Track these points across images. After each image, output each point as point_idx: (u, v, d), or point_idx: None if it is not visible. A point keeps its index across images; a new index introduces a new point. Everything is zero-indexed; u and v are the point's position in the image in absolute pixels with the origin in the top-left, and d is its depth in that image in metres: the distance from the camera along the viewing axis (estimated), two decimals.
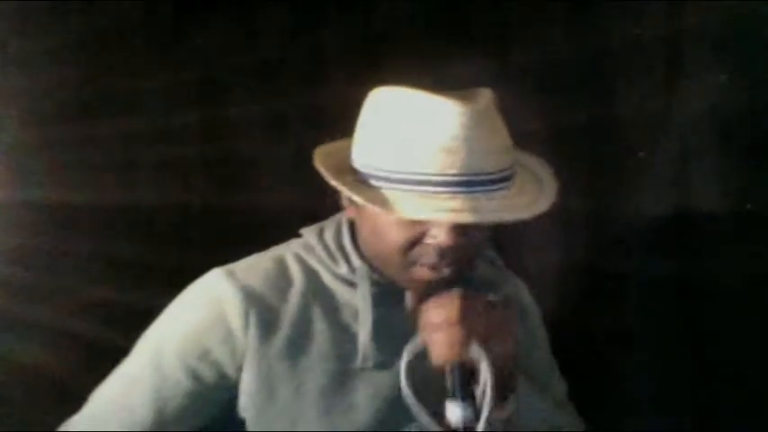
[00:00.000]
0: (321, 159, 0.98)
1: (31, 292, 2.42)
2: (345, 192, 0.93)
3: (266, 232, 1.13)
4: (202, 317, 0.99)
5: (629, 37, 1.36)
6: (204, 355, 0.98)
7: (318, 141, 1.07)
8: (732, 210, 1.26)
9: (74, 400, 1.07)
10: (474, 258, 0.99)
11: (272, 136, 2.09)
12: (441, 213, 0.87)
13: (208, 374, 0.98)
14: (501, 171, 0.92)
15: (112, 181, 2.59)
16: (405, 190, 0.89)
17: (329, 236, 1.06)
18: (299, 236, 1.10)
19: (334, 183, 0.93)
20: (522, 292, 1.19)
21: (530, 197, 0.95)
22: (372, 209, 0.90)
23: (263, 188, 2.11)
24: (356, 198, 0.91)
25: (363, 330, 1.00)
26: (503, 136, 0.94)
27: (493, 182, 0.90)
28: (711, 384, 1.30)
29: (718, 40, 1.25)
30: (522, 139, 0.99)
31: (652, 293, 1.37)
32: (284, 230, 1.14)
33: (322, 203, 1.07)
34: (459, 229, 0.90)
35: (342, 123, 1.06)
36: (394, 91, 0.95)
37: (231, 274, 1.01)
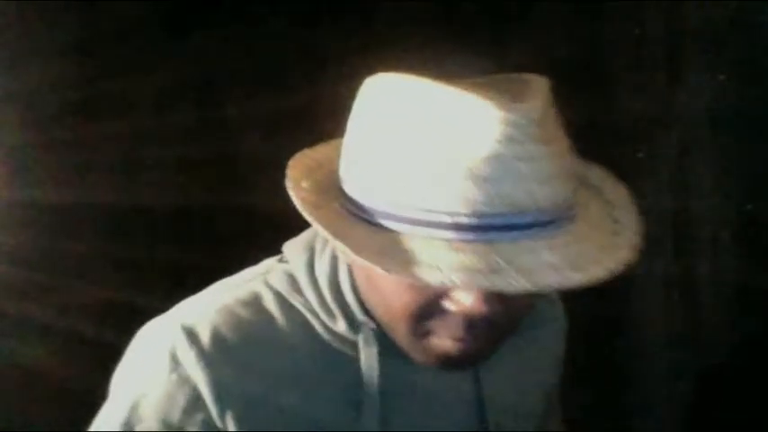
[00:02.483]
0: (297, 179, 0.71)
1: (31, 292, 2.42)
2: (330, 239, 0.63)
3: (265, 232, 1.13)
4: (168, 405, 0.74)
5: (629, 37, 1.36)
6: None
7: (318, 142, 1.07)
8: (732, 210, 1.26)
9: (73, 400, 1.07)
10: (517, 325, 0.71)
11: (272, 136, 2.09)
12: (473, 276, 0.58)
13: None
14: (559, 205, 0.62)
15: (112, 181, 2.58)
16: (421, 237, 0.60)
17: (323, 277, 0.77)
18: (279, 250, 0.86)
19: (316, 224, 0.64)
20: (562, 318, 0.97)
21: (600, 239, 0.65)
22: (370, 266, 0.61)
23: (263, 188, 2.11)
24: (347, 252, 0.61)
25: (368, 411, 0.74)
26: (562, 150, 0.64)
27: (546, 223, 0.61)
28: (711, 384, 1.30)
29: (718, 40, 1.25)
30: None
31: (652, 293, 1.37)
32: (284, 231, 1.14)
33: None
34: (496, 293, 0.61)
35: (342, 123, 1.06)
36: (406, 82, 0.65)
37: (191, 336, 0.74)
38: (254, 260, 1.10)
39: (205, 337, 0.74)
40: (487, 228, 0.59)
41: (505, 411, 0.82)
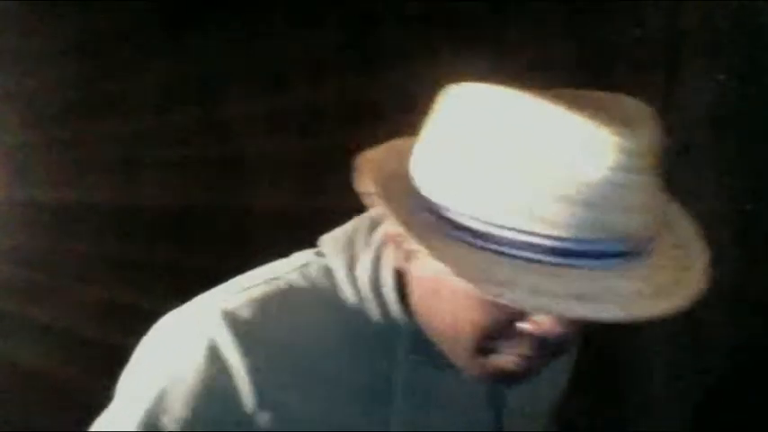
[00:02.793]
0: (381, 187, 0.66)
1: (31, 292, 2.42)
2: (426, 251, 0.61)
3: (265, 232, 1.13)
4: (207, 386, 0.72)
5: (629, 37, 1.36)
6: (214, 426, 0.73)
7: (318, 141, 1.07)
8: (732, 210, 1.26)
9: (73, 400, 1.07)
10: (575, 343, 0.73)
11: (271, 136, 2.09)
12: (575, 304, 0.58)
13: None
14: (646, 236, 0.63)
15: (112, 181, 2.59)
16: (512, 257, 0.60)
17: (364, 276, 0.75)
18: (293, 244, 0.85)
19: (414, 237, 0.62)
20: None
21: (673, 274, 0.66)
22: (465, 284, 0.59)
23: (263, 188, 2.11)
24: (444, 263, 0.60)
25: (397, 410, 0.75)
26: (658, 181, 0.63)
27: (633, 252, 0.62)
28: (710, 383, 1.30)
29: (718, 40, 1.25)
30: None
31: None
32: (283, 231, 1.14)
33: (321, 203, 1.06)
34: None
35: (341, 123, 1.06)
36: (508, 97, 0.62)
37: (234, 325, 0.72)
38: (254, 260, 1.10)
39: (245, 326, 0.72)
40: (586, 254, 0.59)
41: (521, 412, 0.83)
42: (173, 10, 2.33)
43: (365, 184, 0.67)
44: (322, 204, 1.04)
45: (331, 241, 0.79)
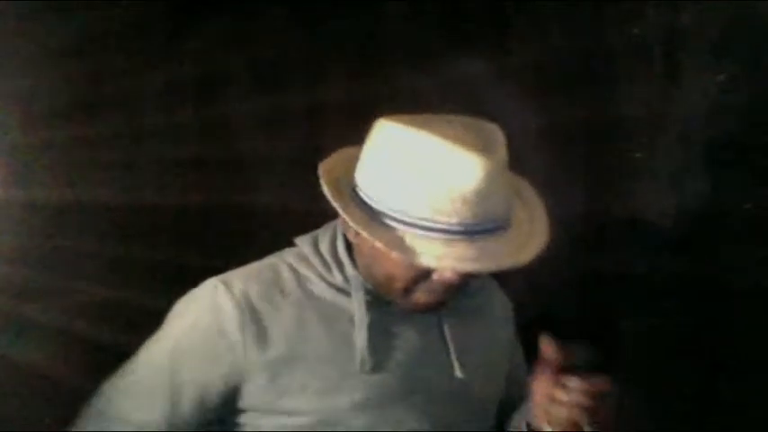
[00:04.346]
0: (331, 185, 0.99)
1: (31, 292, 2.42)
2: (370, 238, 0.94)
3: (265, 232, 1.13)
4: (205, 332, 1.04)
5: (629, 37, 1.36)
6: (211, 368, 1.03)
7: (318, 141, 1.07)
8: (732, 210, 1.26)
9: (73, 399, 1.07)
10: (467, 285, 1.06)
11: (271, 136, 2.09)
12: (464, 263, 0.93)
13: (216, 385, 1.04)
14: (507, 214, 0.98)
15: (112, 181, 2.59)
16: (424, 236, 0.94)
17: (324, 246, 1.11)
18: (293, 244, 1.14)
19: (359, 228, 0.95)
20: (498, 294, 1.26)
21: (529, 227, 1.02)
22: (396, 255, 0.93)
23: (263, 188, 2.11)
24: (381, 245, 0.93)
25: (360, 336, 1.05)
26: (509, 181, 1.00)
27: (501, 227, 0.97)
28: (711, 383, 1.31)
29: (718, 40, 1.26)
30: (521, 139, 0.99)
31: (652, 293, 1.37)
32: (283, 231, 1.15)
33: (320, 204, 1.07)
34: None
35: (342, 123, 1.06)
36: (413, 134, 0.95)
37: (227, 285, 1.05)
38: (254, 260, 1.11)
39: (234, 286, 1.05)
40: (469, 231, 0.94)
41: (474, 355, 1.13)
42: (173, 10, 2.33)
43: (325, 189, 0.98)
44: (321, 204, 1.05)
45: (301, 238, 1.14)
